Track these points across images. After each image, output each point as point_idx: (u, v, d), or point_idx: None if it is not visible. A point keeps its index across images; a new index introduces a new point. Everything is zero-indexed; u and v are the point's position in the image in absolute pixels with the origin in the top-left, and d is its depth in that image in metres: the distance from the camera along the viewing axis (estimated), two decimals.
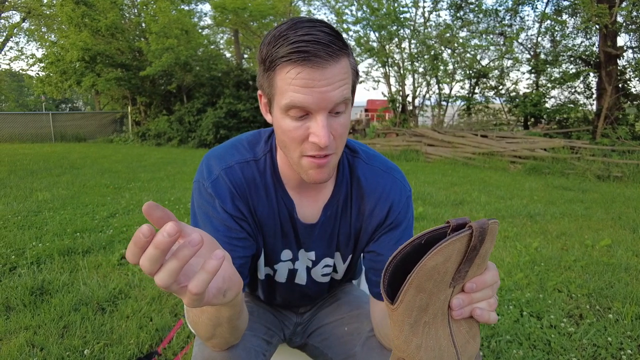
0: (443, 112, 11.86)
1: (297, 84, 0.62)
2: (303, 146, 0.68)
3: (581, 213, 4.17)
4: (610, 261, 2.79)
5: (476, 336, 0.55)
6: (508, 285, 2.41)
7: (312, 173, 0.71)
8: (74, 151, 10.52)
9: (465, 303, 0.52)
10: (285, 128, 0.68)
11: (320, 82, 0.62)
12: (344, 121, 0.69)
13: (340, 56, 0.64)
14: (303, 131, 0.67)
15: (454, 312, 0.52)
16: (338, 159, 0.73)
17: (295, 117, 0.66)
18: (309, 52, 0.61)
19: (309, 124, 0.66)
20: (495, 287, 0.54)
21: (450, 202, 4.66)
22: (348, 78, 0.67)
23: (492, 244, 0.51)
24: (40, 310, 2.05)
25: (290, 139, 0.68)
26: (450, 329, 0.53)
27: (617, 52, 8.71)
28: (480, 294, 0.52)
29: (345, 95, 0.66)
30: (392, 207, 0.84)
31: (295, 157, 0.70)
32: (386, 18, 10.64)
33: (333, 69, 0.63)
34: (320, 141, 0.65)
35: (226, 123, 11.74)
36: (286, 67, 0.63)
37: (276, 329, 1.01)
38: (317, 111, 0.64)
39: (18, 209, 4.05)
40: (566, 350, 1.79)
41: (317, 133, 0.65)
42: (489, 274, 0.53)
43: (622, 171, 6.33)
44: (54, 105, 23.78)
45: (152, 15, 13.39)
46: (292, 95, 0.63)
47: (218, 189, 0.77)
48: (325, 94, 0.63)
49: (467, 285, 0.52)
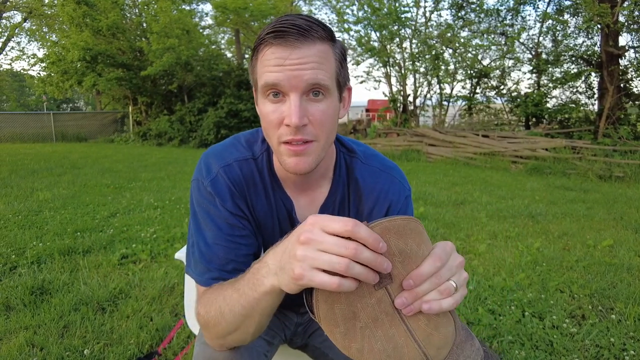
0: (444, 112, 11.84)
1: (270, 63, 0.64)
2: (280, 131, 0.67)
3: (583, 213, 4.15)
4: (613, 261, 2.78)
5: (439, 326, 0.55)
6: (510, 286, 2.40)
7: (290, 162, 0.69)
8: (75, 151, 10.53)
9: (410, 300, 0.53)
10: (264, 112, 0.68)
11: (291, 61, 0.63)
12: (325, 108, 0.67)
13: (317, 40, 0.65)
14: (279, 114, 0.66)
15: (403, 310, 0.53)
16: (322, 150, 0.70)
17: (272, 99, 0.66)
18: (283, 32, 0.63)
19: (284, 106, 0.66)
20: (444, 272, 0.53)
21: (452, 202, 4.65)
22: (326, 64, 0.66)
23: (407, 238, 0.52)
24: (40, 310, 2.05)
25: (268, 123, 0.68)
26: (406, 325, 0.54)
27: (619, 51, 8.70)
28: (425, 286, 0.53)
29: (319, 79, 0.64)
30: (390, 207, 0.83)
31: (275, 144, 0.70)
32: (387, 18, 10.63)
33: (306, 49, 0.64)
34: (292, 121, 0.64)
35: (227, 123, 11.74)
36: (263, 48, 0.65)
37: (277, 330, 1.01)
38: (290, 90, 0.64)
39: (19, 209, 4.05)
40: (569, 351, 1.77)
41: (289, 113, 0.64)
42: (426, 264, 0.53)
43: (624, 171, 6.31)
44: (55, 105, 23.79)
45: (153, 15, 13.39)
46: (266, 75, 0.65)
47: (217, 187, 0.77)
48: (295, 72, 0.63)
49: (404, 283, 0.53)
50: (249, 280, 0.61)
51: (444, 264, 0.54)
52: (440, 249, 0.55)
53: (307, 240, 0.50)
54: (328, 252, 0.49)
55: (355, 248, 0.48)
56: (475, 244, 3.21)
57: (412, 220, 0.54)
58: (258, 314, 0.63)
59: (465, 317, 2.05)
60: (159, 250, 2.96)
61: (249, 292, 0.61)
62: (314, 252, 0.49)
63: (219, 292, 0.68)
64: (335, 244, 0.49)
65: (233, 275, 0.77)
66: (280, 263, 0.55)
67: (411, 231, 0.53)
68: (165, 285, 2.37)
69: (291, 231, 0.63)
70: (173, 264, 2.72)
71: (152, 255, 2.87)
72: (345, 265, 0.48)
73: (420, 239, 0.54)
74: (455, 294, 0.53)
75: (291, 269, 0.51)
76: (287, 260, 0.53)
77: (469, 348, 0.58)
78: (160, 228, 3.49)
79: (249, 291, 0.61)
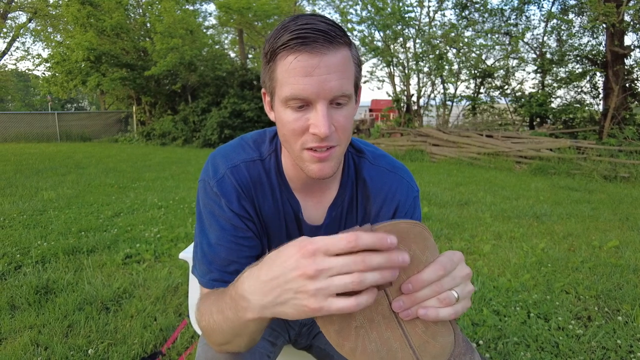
0: (448, 112, 11.80)
1: (296, 72, 0.61)
2: (304, 138, 0.66)
3: (588, 214, 4.13)
4: (619, 262, 2.76)
5: (437, 335, 0.54)
6: (515, 287, 2.39)
7: (314, 167, 0.68)
8: (79, 151, 10.57)
9: (408, 304, 0.52)
10: (286, 120, 0.66)
11: (319, 70, 0.61)
12: (347, 113, 0.67)
13: (340, 45, 0.63)
14: (303, 122, 0.65)
15: (400, 314, 0.52)
16: (342, 153, 0.71)
17: (295, 107, 0.64)
18: (308, 38, 0.60)
19: (309, 114, 0.64)
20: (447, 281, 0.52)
21: (456, 203, 4.63)
22: (349, 70, 0.65)
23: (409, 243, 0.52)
24: (44, 309, 2.05)
25: (291, 131, 0.66)
26: (403, 330, 0.53)
27: (625, 51, 8.63)
28: (424, 292, 0.52)
29: (345, 89, 0.64)
30: (398, 208, 0.82)
31: (297, 151, 0.68)
32: (391, 17, 10.60)
33: (332, 57, 0.62)
34: (320, 131, 0.63)
35: (231, 123, 11.75)
36: (285, 55, 0.62)
37: (281, 330, 1.00)
38: (317, 100, 0.63)
39: (24, 208, 4.07)
40: (575, 353, 1.76)
41: (317, 123, 0.63)
42: (428, 270, 0.52)
43: (629, 171, 6.27)
44: (60, 105, 23.87)
45: (157, 15, 13.41)
46: (291, 86, 0.62)
47: (224, 188, 0.76)
48: (324, 83, 0.61)
49: (403, 287, 0.52)
50: (231, 306, 0.58)
51: (448, 272, 0.53)
52: (447, 257, 0.54)
53: (316, 273, 0.46)
54: (339, 275, 0.46)
55: (362, 260, 0.46)
56: (479, 244, 3.19)
57: (417, 225, 0.53)
58: (247, 335, 0.63)
59: (470, 318, 2.04)
60: (162, 250, 2.96)
61: (233, 318, 0.59)
62: (325, 281, 0.46)
63: (207, 306, 0.67)
64: (345, 265, 0.46)
65: (234, 277, 0.76)
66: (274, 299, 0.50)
67: (415, 236, 0.52)
68: (169, 285, 2.37)
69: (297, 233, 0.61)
70: (177, 263, 2.72)
71: (155, 255, 2.87)
72: (358, 281, 0.46)
73: (424, 244, 0.53)
74: (456, 305, 0.52)
75: (304, 305, 0.48)
76: (290, 296, 0.49)
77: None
78: (164, 228, 3.49)
79: (232, 317, 0.59)
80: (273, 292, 0.50)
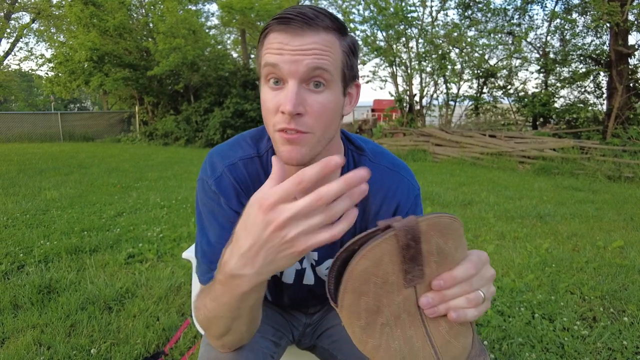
0: (451, 111, 11.77)
1: (272, 47, 0.63)
2: (275, 118, 0.65)
3: (592, 214, 4.10)
4: (623, 263, 2.74)
5: (459, 336, 0.53)
6: (519, 287, 2.37)
7: (284, 150, 0.66)
8: (82, 150, 10.59)
9: (436, 301, 0.50)
10: (263, 98, 0.67)
11: (293, 46, 0.62)
12: (324, 100, 0.65)
13: (321, 29, 0.63)
14: (277, 101, 0.65)
15: (426, 311, 0.51)
16: (318, 143, 0.67)
17: (272, 86, 0.65)
18: (288, 19, 0.62)
19: (282, 94, 0.64)
20: (476, 280, 0.51)
21: (459, 203, 4.61)
22: (330, 54, 0.64)
23: (448, 238, 0.50)
24: (47, 308, 2.05)
25: (266, 110, 0.67)
26: (426, 329, 0.52)
27: (629, 50, 8.60)
28: (454, 290, 0.50)
29: (320, 65, 0.62)
30: (399, 207, 0.81)
31: (271, 132, 0.68)
32: (393, 17, 10.59)
33: (310, 37, 0.62)
34: (286, 108, 0.62)
35: (233, 123, 11.76)
36: (267, 34, 0.65)
37: (285, 330, 0.99)
38: (288, 75, 0.63)
39: (27, 208, 4.07)
40: (580, 354, 1.75)
41: (284, 100, 0.63)
42: (460, 268, 0.51)
43: (633, 172, 6.23)
44: (63, 105, 23.95)
45: (160, 15, 13.44)
46: (266, 57, 0.64)
47: (222, 186, 0.76)
48: (295, 57, 0.62)
49: (434, 283, 0.50)
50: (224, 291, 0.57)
51: (478, 272, 0.51)
52: (477, 256, 0.52)
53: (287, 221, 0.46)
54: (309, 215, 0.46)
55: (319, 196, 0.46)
56: (483, 244, 3.17)
57: (456, 220, 0.51)
58: (246, 315, 0.62)
59: None
60: (165, 249, 2.96)
61: (229, 300, 0.58)
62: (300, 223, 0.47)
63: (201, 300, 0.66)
64: (307, 205, 0.46)
65: None
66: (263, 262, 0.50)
67: (453, 232, 0.50)
68: (172, 284, 2.36)
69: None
70: (179, 263, 2.71)
71: (158, 255, 2.87)
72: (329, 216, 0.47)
73: (459, 241, 0.51)
74: (481, 306, 0.51)
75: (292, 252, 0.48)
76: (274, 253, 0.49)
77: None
78: (167, 227, 3.49)
79: (228, 299, 0.58)
80: (259, 257, 0.50)
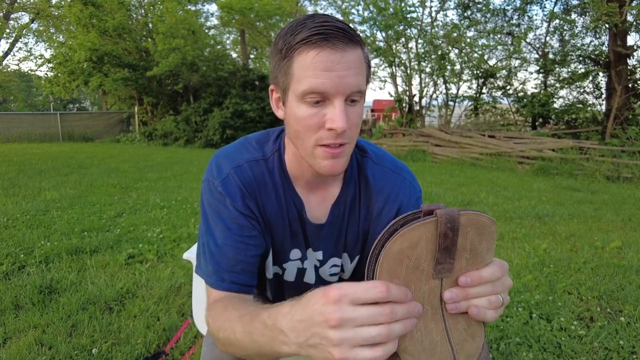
0: (450, 112, 11.79)
1: (316, 67, 0.63)
2: (318, 134, 0.67)
3: (590, 214, 4.12)
4: (621, 263, 2.76)
5: (475, 335, 0.54)
6: (517, 287, 2.39)
7: (326, 164, 0.69)
8: (82, 151, 10.60)
9: (460, 297, 0.52)
10: (301, 116, 0.67)
11: (339, 65, 0.63)
12: (359, 111, 0.69)
13: (356, 44, 0.65)
14: (319, 118, 0.66)
15: (448, 306, 0.52)
16: (351, 151, 0.73)
17: (311, 103, 0.65)
18: (329, 35, 0.62)
19: (326, 110, 0.65)
20: (499, 284, 0.53)
21: (458, 203, 4.63)
22: (363, 68, 0.67)
23: (483, 238, 0.51)
24: (48, 309, 2.06)
25: (305, 127, 0.67)
26: (445, 324, 0.53)
27: (627, 51, 8.62)
28: (477, 290, 0.52)
29: (361, 85, 0.66)
30: (401, 208, 0.83)
31: (309, 147, 0.69)
32: (393, 18, 10.60)
33: (351, 54, 0.64)
34: (338, 126, 0.64)
35: (232, 123, 11.77)
36: (305, 50, 0.63)
37: None
38: (335, 96, 0.64)
39: (27, 208, 4.08)
40: (577, 354, 1.76)
41: (335, 118, 0.64)
42: (488, 269, 0.52)
43: (632, 172, 6.25)
44: (62, 105, 23.94)
45: (159, 15, 13.46)
46: (310, 80, 0.63)
47: (228, 187, 0.77)
48: (343, 79, 0.63)
49: (461, 279, 0.51)
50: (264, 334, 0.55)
51: (502, 277, 0.53)
52: (501, 263, 0.54)
53: (339, 322, 0.44)
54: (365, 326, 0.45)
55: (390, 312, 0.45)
56: None
57: (494, 224, 0.52)
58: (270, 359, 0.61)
59: None
60: (165, 250, 2.97)
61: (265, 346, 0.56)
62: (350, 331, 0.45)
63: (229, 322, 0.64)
64: (371, 316, 0.45)
65: (242, 277, 0.77)
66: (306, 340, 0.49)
67: (489, 234, 0.52)
68: (172, 285, 2.37)
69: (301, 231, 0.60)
70: (179, 263, 2.73)
71: (158, 255, 2.88)
72: (386, 334, 0.45)
73: (491, 244, 0.52)
74: (499, 309, 0.53)
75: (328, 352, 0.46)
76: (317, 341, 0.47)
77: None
78: (167, 228, 3.50)
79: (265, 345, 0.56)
80: (304, 333, 0.49)
